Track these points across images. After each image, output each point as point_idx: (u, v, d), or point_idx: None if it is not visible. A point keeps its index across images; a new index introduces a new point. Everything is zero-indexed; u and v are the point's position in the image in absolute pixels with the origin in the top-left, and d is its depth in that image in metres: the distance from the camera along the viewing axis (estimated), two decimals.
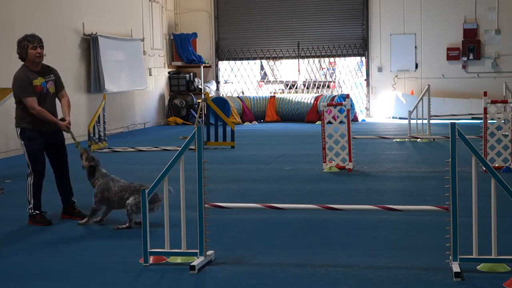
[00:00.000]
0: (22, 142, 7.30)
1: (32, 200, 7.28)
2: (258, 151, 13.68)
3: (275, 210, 6.72)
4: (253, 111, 21.29)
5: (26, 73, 7.25)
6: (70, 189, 7.61)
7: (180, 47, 21.86)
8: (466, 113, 19.71)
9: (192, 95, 21.34)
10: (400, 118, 20.62)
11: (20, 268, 5.62)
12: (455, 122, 5.13)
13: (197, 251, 5.51)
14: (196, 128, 5.40)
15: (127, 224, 6.96)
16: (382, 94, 21.82)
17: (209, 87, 22.15)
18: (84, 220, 7.21)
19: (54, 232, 6.98)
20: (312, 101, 20.61)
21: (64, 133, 7.49)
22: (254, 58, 23.12)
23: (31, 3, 14.45)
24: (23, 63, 7.34)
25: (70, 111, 7.51)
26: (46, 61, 7.47)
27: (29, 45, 7.21)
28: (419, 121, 14.81)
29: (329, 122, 10.93)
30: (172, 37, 22.01)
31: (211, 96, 20.22)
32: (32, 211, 7.30)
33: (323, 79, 24.01)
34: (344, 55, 22.35)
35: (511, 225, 6.68)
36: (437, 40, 21.14)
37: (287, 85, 23.53)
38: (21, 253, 6.13)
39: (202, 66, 22.12)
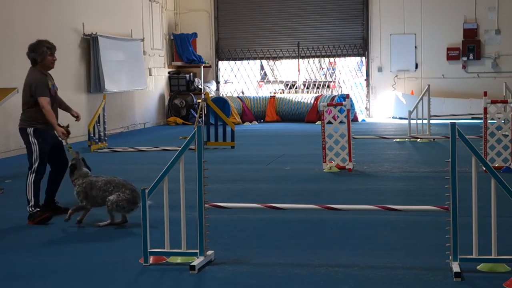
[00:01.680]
0: (36, 141, 7.43)
1: (33, 198, 7.36)
2: (258, 151, 13.68)
3: (275, 210, 6.72)
4: (253, 111, 21.29)
5: (42, 75, 7.50)
6: (58, 188, 7.82)
7: (180, 47, 21.87)
8: (466, 113, 19.71)
9: (192, 95, 21.34)
10: (400, 118, 20.62)
11: (20, 268, 5.62)
12: (455, 122, 5.13)
13: (197, 251, 5.51)
14: (196, 128, 5.40)
15: (109, 221, 7.04)
16: (382, 94, 21.82)
17: (209, 87, 22.15)
18: (68, 213, 7.23)
19: (54, 232, 6.99)
20: (312, 101, 20.62)
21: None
22: (254, 58, 23.12)
23: (31, 3, 14.45)
24: (33, 66, 7.57)
25: None
26: None
27: (48, 52, 7.52)
28: (419, 121, 14.81)
29: (329, 122, 10.93)
30: (172, 37, 22.01)
31: (211, 96, 20.21)
32: (33, 209, 7.35)
33: (323, 79, 24.01)
34: (344, 55, 22.35)
35: (511, 225, 6.68)
36: (437, 40, 21.14)
37: (287, 85, 23.54)
38: (21, 253, 6.13)
39: (202, 66, 22.12)
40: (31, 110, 7.46)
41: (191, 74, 22.03)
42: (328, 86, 23.34)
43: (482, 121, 10.38)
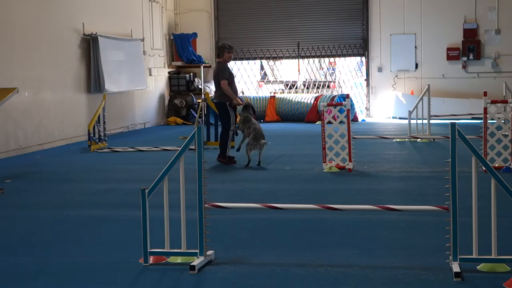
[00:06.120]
0: (231, 110, 11.39)
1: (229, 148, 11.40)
2: None
3: (275, 210, 6.72)
4: None
5: (226, 65, 11.47)
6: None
7: (180, 47, 21.86)
8: (466, 113, 19.69)
9: (192, 95, 21.33)
10: (400, 118, 20.62)
11: (20, 268, 5.62)
12: (455, 122, 5.13)
13: (197, 251, 5.51)
14: (196, 128, 5.40)
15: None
16: (382, 94, 21.82)
17: (209, 87, 22.13)
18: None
19: (54, 232, 6.99)
20: (312, 101, 20.62)
21: None
22: (254, 58, 23.12)
23: (31, 3, 14.44)
24: (219, 59, 11.53)
25: None
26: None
27: (226, 51, 11.41)
28: (419, 121, 14.81)
29: (329, 122, 10.92)
30: (172, 37, 22.01)
31: (211, 96, 20.18)
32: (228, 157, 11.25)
33: (323, 79, 24.01)
34: (344, 55, 22.35)
35: (511, 225, 6.69)
36: (437, 40, 21.14)
37: (287, 85, 23.53)
38: (21, 253, 6.14)
39: (202, 66, 22.11)
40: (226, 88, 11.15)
41: (191, 74, 22.03)
42: (328, 86, 23.34)
43: (482, 121, 10.38)
